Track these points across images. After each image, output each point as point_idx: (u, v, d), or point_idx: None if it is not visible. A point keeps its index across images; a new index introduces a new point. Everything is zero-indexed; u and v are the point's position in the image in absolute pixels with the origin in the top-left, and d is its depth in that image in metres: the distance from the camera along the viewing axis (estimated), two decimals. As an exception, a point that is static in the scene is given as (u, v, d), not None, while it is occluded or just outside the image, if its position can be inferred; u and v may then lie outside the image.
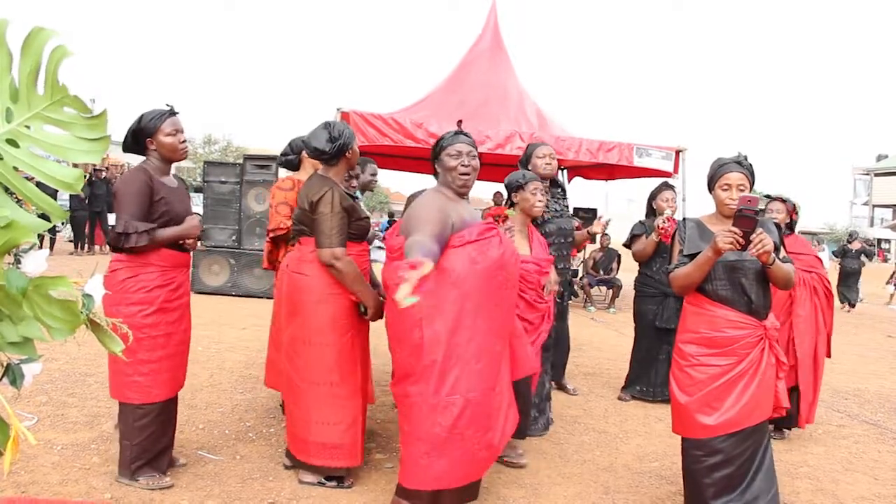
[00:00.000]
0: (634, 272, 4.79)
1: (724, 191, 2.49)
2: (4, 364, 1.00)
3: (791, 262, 2.50)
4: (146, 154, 2.68)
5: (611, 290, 9.44)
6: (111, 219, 2.62)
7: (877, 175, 42.68)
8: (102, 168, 12.87)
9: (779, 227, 2.60)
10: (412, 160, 9.67)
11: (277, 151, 4.06)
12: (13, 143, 0.90)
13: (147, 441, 2.63)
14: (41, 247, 2.32)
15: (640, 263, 4.61)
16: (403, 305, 1.87)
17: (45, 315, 0.88)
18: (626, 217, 9.62)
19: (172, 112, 2.67)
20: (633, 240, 4.62)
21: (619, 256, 9.52)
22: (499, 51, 9.01)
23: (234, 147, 33.42)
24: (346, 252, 2.64)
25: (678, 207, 5.26)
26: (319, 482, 2.75)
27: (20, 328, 0.88)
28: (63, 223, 12.96)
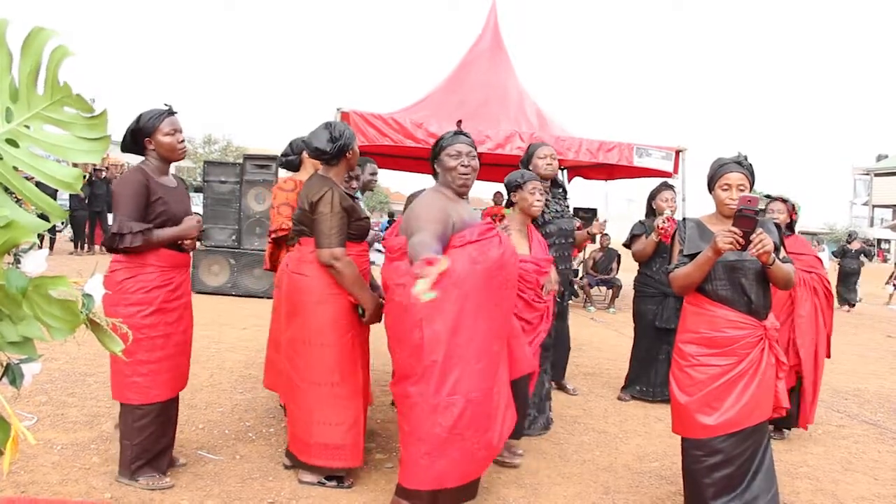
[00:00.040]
0: (634, 272, 4.79)
1: (724, 191, 2.49)
2: (4, 364, 1.00)
3: (791, 263, 2.50)
4: (145, 154, 2.68)
5: (610, 290, 9.45)
6: (111, 219, 2.61)
7: (877, 175, 42.65)
8: (102, 168, 12.86)
9: (779, 228, 2.60)
10: (412, 160, 9.68)
11: (277, 151, 4.06)
12: (13, 143, 0.90)
13: (147, 441, 2.62)
14: (41, 246, 2.31)
15: (640, 263, 4.61)
16: (423, 300, 1.88)
17: (45, 315, 0.88)
18: (626, 217, 9.63)
19: (171, 112, 2.67)
20: (633, 240, 4.62)
21: (619, 256, 9.52)
22: (499, 51, 9.02)
23: (234, 147, 33.47)
24: (346, 252, 2.64)
25: (678, 207, 5.27)
26: (319, 482, 2.75)
27: (20, 328, 0.88)
28: (63, 223, 12.98)
